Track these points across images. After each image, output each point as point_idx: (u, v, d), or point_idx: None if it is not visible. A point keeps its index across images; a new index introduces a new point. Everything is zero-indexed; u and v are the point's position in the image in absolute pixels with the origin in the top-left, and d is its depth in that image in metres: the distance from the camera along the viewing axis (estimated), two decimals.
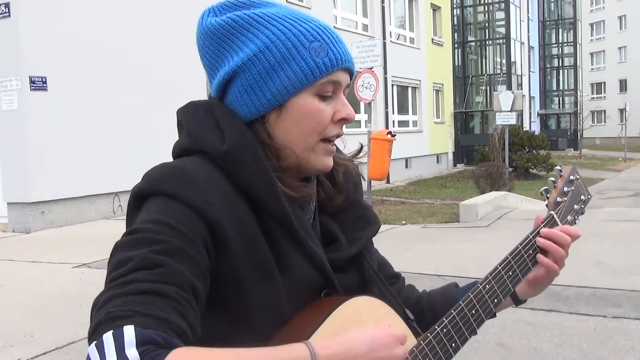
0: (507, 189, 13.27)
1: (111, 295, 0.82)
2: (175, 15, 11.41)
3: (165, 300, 0.81)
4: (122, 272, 0.84)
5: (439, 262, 6.72)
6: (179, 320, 0.81)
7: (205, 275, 0.89)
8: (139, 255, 0.85)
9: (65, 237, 8.90)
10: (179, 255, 0.86)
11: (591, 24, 59.12)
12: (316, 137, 1.03)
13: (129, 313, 0.78)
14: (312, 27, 1.02)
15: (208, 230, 0.91)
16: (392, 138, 10.15)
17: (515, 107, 16.15)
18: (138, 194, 0.96)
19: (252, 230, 0.96)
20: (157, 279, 0.83)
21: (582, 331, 4.39)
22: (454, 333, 1.08)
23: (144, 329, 0.76)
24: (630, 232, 8.18)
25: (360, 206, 1.17)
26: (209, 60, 1.05)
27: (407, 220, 10.38)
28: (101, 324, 0.78)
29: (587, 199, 1.34)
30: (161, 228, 0.88)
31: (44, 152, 9.35)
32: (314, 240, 1.04)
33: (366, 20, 19.43)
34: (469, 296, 1.12)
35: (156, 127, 10.63)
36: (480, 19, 31.89)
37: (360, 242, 1.12)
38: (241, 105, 1.02)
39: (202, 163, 0.97)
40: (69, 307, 5.26)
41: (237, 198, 0.96)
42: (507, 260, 1.18)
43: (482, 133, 27.85)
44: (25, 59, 9.17)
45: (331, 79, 1.01)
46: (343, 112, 1.04)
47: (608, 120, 55.60)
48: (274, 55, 0.99)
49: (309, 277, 1.01)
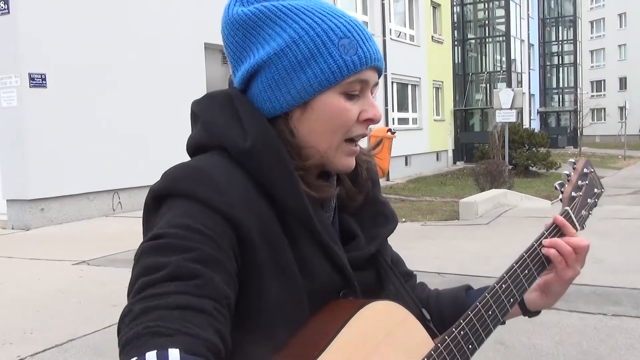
0: (507, 187, 13.27)
1: (148, 307, 0.78)
2: (178, 12, 11.39)
3: (207, 317, 0.79)
4: (156, 280, 0.80)
5: (438, 260, 6.72)
6: (215, 337, 0.79)
7: (235, 283, 0.87)
8: (173, 264, 0.81)
9: (65, 235, 8.89)
10: (212, 264, 0.83)
11: (591, 21, 59.08)
12: (340, 137, 1.00)
13: (170, 331, 0.75)
14: (342, 22, 0.97)
15: (234, 233, 0.88)
16: (392, 135, 10.16)
17: (515, 104, 16.12)
18: (156, 194, 0.92)
19: (274, 231, 0.93)
20: (194, 292, 0.80)
21: (582, 329, 4.38)
22: (471, 335, 1.06)
23: (187, 355, 0.74)
24: (630, 230, 8.18)
25: (379, 203, 1.14)
26: (233, 51, 1.01)
27: (407, 217, 10.37)
28: (140, 338, 0.75)
29: (600, 192, 1.31)
30: (190, 234, 0.84)
31: (44, 149, 9.33)
32: (336, 241, 1.01)
33: (366, 17, 19.40)
34: (485, 296, 1.09)
35: (156, 124, 10.64)
36: (480, 17, 31.86)
37: (378, 239, 1.10)
38: (264, 101, 0.98)
39: (221, 161, 0.94)
40: (68, 305, 5.26)
41: (258, 198, 0.93)
42: (523, 258, 1.15)
43: (482, 131, 27.81)
44: (24, 55, 9.14)
45: (359, 77, 0.98)
46: (370, 112, 1.01)
47: (608, 118, 55.60)
48: (301, 50, 0.95)
49: (329, 278, 0.99)
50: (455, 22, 29.58)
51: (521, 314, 1.25)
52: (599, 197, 1.31)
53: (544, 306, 1.24)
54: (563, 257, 1.16)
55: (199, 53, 11.98)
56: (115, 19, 10.36)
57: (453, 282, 5.64)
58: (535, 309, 1.25)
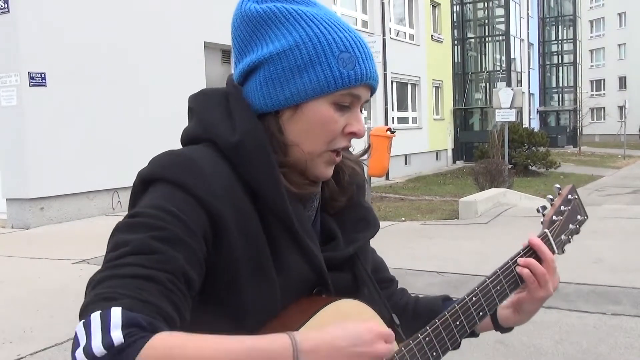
0: (507, 186, 13.27)
1: (105, 276, 0.84)
2: (178, 11, 11.39)
3: (157, 286, 0.83)
4: (119, 255, 0.86)
5: (438, 259, 6.72)
6: (168, 306, 0.83)
7: (201, 265, 0.91)
8: (137, 240, 0.87)
9: (65, 234, 8.89)
10: (178, 244, 0.88)
11: (591, 21, 59.06)
12: (324, 146, 1.04)
13: (118, 295, 0.81)
14: (346, 37, 1.02)
15: (209, 221, 0.92)
16: (391, 135, 10.15)
17: (514, 104, 16.12)
18: (143, 179, 0.97)
19: (252, 226, 0.97)
20: (152, 265, 0.85)
21: (582, 328, 4.39)
22: (436, 342, 1.08)
23: (130, 312, 0.78)
24: (629, 229, 8.19)
25: (362, 208, 1.18)
26: (239, 44, 1.06)
27: (407, 217, 10.38)
28: (91, 303, 0.81)
29: (583, 219, 1.34)
30: (163, 214, 0.89)
31: (43, 148, 9.33)
32: (312, 238, 1.04)
33: (366, 16, 19.40)
34: (454, 307, 1.12)
35: (156, 123, 10.62)
36: (480, 16, 31.85)
37: (357, 243, 1.13)
38: (259, 96, 1.03)
39: (209, 153, 0.98)
40: (68, 303, 5.25)
41: (241, 192, 0.97)
42: (496, 274, 1.18)
43: (482, 130, 27.82)
44: (24, 54, 9.14)
45: (352, 92, 1.02)
46: (355, 126, 1.05)
47: (607, 117, 55.58)
48: (302, 55, 1.00)
49: (304, 275, 1.02)
50: (455, 21, 29.57)
51: (493, 329, 1.28)
52: (581, 224, 1.33)
53: (516, 323, 1.27)
54: (536, 277, 1.18)
55: (199, 52, 11.98)
56: (115, 18, 10.36)
57: (452, 281, 5.64)
58: (507, 326, 1.27)
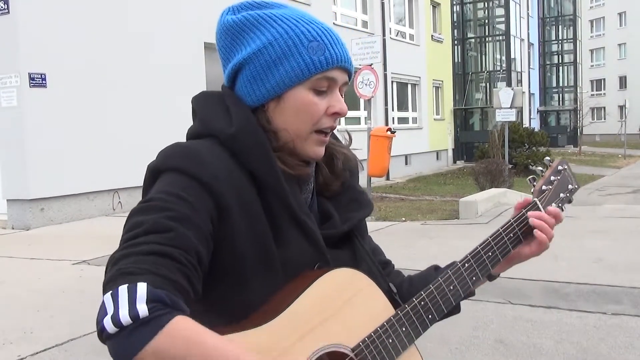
0: (507, 186, 13.28)
1: (124, 254, 0.93)
2: (177, 11, 11.40)
3: (172, 261, 0.93)
4: (135, 234, 0.96)
5: (438, 259, 6.68)
6: (183, 280, 0.93)
7: (208, 241, 1.01)
8: (151, 220, 0.97)
9: (65, 234, 8.89)
10: (186, 222, 0.98)
11: (591, 20, 59.04)
12: (310, 127, 1.14)
13: (139, 270, 0.90)
14: (313, 28, 1.14)
15: (213, 202, 1.03)
16: (391, 135, 10.14)
17: (515, 104, 16.13)
18: (152, 170, 1.08)
19: (253, 205, 1.08)
20: (165, 242, 0.94)
21: (582, 328, 4.39)
22: (431, 305, 1.18)
23: (154, 288, 0.88)
24: (630, 229, 8.18)
25: (355, 191, 1.29)
26: (223, 53, 1.19)
27: (407, 217, 10.38)
28: (115, 277, 0.90)
29: (574, 188, 1.39)
30: (171, 198, 1.00)
31: (44, 149, 9.33)
32: (309, 216, 1.15)
33: (366, 16, 19.40)
34: (447, 273, 1.22)
35: (156, 123, 10.63)
36: (480, 16, 31.83)
37: (352, 221, 1.23)
38: (246, 94, 1.15)
39: (210, 144, 1.10)
40: (68, 304, 5.26)
41: (241, 175, 1.08)
42: (488, 242, 1.27)
43: (482, 130, 27.81)
44: (24, 55, 9.15)
45: (326, 75, 1.13)
46: (337, 106, 1.15)
47: (608, 117, 55.56)
48: (275, 50, 1.11)
49: (303, 251, 1.12)
50: (455, 21, 29.56)
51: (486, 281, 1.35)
52: (572, 193, 1.38)
53: (500, 272, 1.36)
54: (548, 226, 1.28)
55: (199, 52, 11.99)
56: (115, 18, 10.36)
57: None
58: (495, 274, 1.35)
